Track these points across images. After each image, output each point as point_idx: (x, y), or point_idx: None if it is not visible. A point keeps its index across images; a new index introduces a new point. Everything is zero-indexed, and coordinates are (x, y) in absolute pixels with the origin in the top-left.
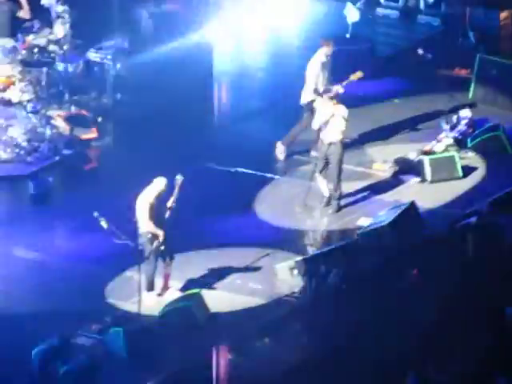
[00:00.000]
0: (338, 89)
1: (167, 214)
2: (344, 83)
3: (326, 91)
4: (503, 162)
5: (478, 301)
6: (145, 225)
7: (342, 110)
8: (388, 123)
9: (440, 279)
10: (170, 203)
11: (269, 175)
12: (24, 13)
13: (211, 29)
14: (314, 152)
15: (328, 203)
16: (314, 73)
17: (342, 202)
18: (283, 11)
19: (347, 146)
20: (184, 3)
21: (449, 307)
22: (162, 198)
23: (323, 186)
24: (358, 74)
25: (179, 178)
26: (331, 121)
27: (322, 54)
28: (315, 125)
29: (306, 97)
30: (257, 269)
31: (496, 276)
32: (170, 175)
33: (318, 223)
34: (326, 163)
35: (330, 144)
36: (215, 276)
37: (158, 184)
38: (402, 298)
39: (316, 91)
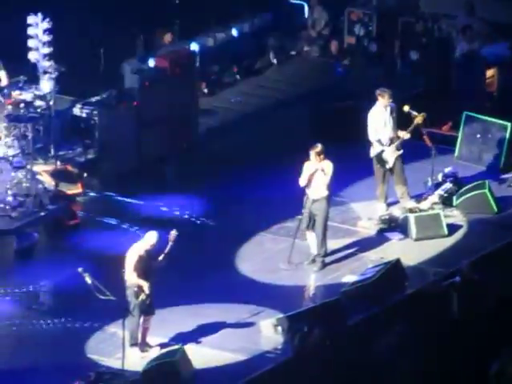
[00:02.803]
0: (404, 135)
1: (156, 266)
2: (409, 129)
3: (392, 140)
4: (488, 220)
5: (463, 358)
6: (131, 277)
7: (326, 166)
8: (373, 181)
9: (426, 336)
10: (161, 257)
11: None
12: (2, 82)
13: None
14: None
15: (313, 261)
16: (372, 124)
17: (328, 259)
18: None
19: (333, 203)
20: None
21: (435, 363)
22: (151, 253)
23: (312, 242)
24: (421, 117)
25: (173, 233)
26: (315, 177)
27: (380, 106)
28: (301, 181)
29: (373, 149)
30: (240, 325)
31: (481, 333)
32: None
33: (302, 280)
34: (312, 219)
35: (315, 201)
36: (198, 332)
37: (150, 237)
38: (387, 355)
39: (380, 142)
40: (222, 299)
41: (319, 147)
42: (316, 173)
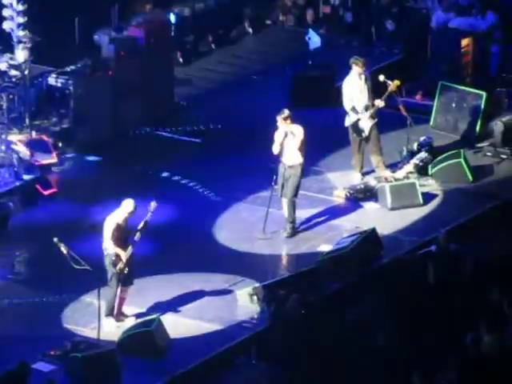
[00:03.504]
0: (379, 103)
1: (136, 237)
2: (384, 96)
3: (367, 108)
4: (464, 189)
5: (438, 327)
6: (109, 245)
7: (295, 129)
8: (349, 150)
9: (401, 305)
10: (140, 226)
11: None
12: None
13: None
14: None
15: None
16: (348, 93)
17: (303, 228)
18: None
19: (308, 172)
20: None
21: (409, 333)
22: (129, 221)
23: (284, 211)
24: (396, 83)
25: (153, 204)
26: (286, 142)
27: (354, 73)
28: (274, 149)
29: (349, 118)
30: (217, 295)
31: (456, 303)
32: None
33: (277, 249)
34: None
35: (290, 167)
36: (175, 302)
37: (127, 205)
38: (361, 324)
39: (354, 110)
40: (199, 269)
41: (286, 113)
42: (286, 138)
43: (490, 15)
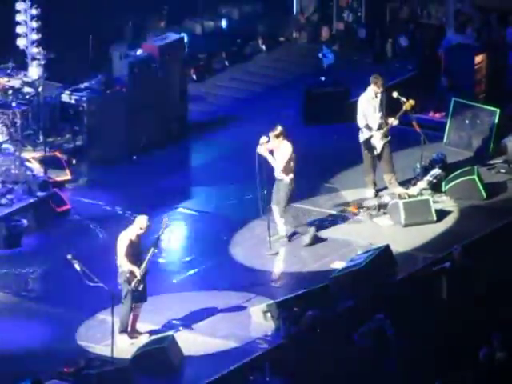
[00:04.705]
0: (393, 121)
1: (149, 254)
2: (398, 115)
3: (380, 126)
4: (477, 206)
5: (452, 341)
6: (123, 262)
7: (285, 147)
8: (362, 167)
9: (414, 322)
10: (153, 243)
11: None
12: None
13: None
14: None
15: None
16: (362, 110)
17: (317, 245)
18: None
19: (323, 189)
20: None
21: (423, 348)
22: (143, 238)
23: (277, 222)
24: (411, 103)
25: (166, 220)
26: (275, 157)
27: (371, 91)
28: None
29: (362, 135)
30: (230, 312)
31: (470, 318)
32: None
33: (291, 266)
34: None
35: (278, 180)
36: (189, 319)
37: (141, 221)
38: (375, 341)
39: (368, 127)
40: (213, 285)
41: (278, 129)
42: (275, 154)
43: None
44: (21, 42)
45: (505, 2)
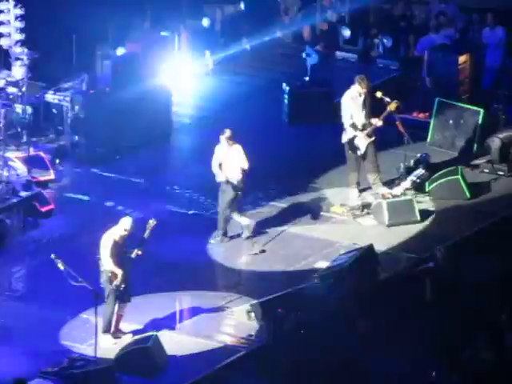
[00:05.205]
0: (376, 122)
1: (133, 254)
2: (382, 116)
3: (364, 126)
4: (461, 206)
5: (436, 342)
6: (105, 262)
7: (238, 149)
8: (346, 167)
9: (398, 322)
10: (138, 244)
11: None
12: None
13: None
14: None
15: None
16: (347, 109)
17: (300, 245)
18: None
19: (307, 189)
20: (145, 46)
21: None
22: (126, 239)
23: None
24: (395, 104)
25: (152, 222)
26: (227, 161)
27: (355, 91)
28: (213, 167)
29: (346, 135)
30: (214, 312)
31: (453, 319)
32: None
33: (274, 266)
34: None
35: (226, 182)
36: (172, 319)
37: (125, 223)
38: (361, 341)
39: (354, 126)
40: (196, 286)
41: (228, 132)
42: (227, 157)
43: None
44: (4, 42)
45: (485, 2)
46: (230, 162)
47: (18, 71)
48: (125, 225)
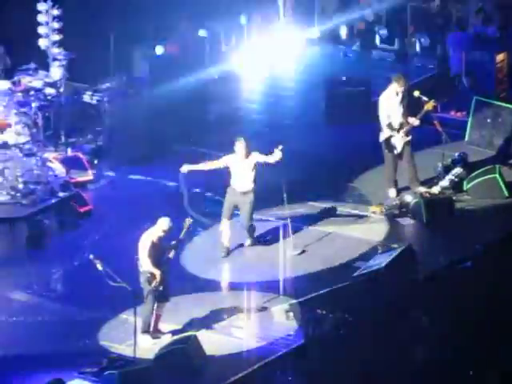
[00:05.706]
0: (414, 121)
1: (171, 255)
2: (419, 115)
3: (401, 125)
4: (499, 205)
5: (478, 340)
6: (144, 263)
7: (253, 158)
8: (384, 166)
9: (439, 320)
10: (174, 243)
11: None
12: None
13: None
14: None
15: (227, 254)
16: (384, 109)
17: (339, 245)
18: (282, 53)
19: (345, 189)
20: (183, 47)
21: (450, 346)
22: (164, 239)
23: (227, 233)
24: (432, 103)
25: (188, 221)
26: (242, 170)
27: (392, 90)
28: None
29: (383, 134)
30: (253, 311)
31: (492, 317)
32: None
33: (312, 266)
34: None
35: (244, 193)
36: (211, 319)
37: (162, 224)
38: (402, 341)
39: (390, 126)
40: (234, 286)
41: (244, 141)
42: (242, 166)
43: None
44: (42, 43)
45: None
46: (242, 171)
47: (56, 72)
48: (162, 225)
